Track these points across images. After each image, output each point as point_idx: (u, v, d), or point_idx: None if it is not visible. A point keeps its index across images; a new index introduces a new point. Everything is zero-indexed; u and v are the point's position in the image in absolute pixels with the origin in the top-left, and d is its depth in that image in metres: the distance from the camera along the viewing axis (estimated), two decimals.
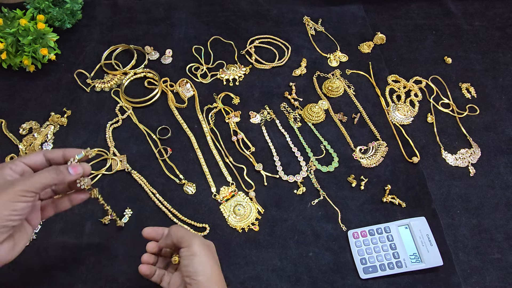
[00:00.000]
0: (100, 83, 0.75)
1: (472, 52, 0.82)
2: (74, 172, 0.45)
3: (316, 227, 0.61)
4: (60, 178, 0.43)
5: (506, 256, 0.59)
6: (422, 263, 0.56)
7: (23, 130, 0.69)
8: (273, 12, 0.87)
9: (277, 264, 0.57)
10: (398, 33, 0.85)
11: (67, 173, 0.44)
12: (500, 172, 0.67)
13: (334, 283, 0.56)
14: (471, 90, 0.77)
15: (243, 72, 0.77)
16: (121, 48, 0.80)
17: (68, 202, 0.49)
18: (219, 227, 0.61)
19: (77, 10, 0.81)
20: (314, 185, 0.65)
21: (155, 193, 0.63)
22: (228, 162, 0.67)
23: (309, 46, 0.82)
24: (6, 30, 0.69)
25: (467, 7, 0.90)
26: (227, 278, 0.56)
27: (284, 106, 0.73)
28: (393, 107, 0.74)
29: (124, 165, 0.65)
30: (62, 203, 0.49)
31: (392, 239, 0.59)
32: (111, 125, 0.70)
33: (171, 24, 0.85)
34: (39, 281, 0.55)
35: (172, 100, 0.73)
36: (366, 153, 0.68)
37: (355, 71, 0.79)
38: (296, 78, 0.77)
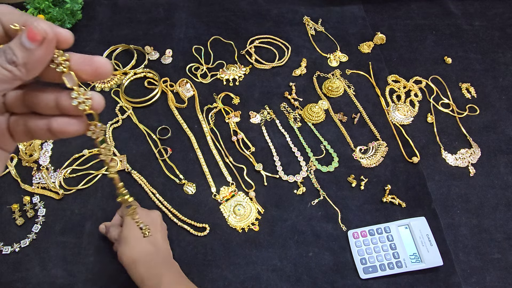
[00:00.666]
0: (100, 83, 0.75)
1: (472, 52, 0.82)
2: (35, 38, 0.23)
3: (316, 227, 0.61)
4: (8, 58, 0.23)
5: (506, 256, 0.59)
6: (422, 263, 0.56)
7: None
8: (273, 12, 0.87)
9: (277, 264, 0.57)
10: (398, 33, 0.85)
11: (21, 48, 0.23)
12: (500, 172, 0.67)
13: (334, 283, 0.56)
14: (471, 90, 0.77)
15: (243, 72, 0.77)
16: (121, 48, 0.80)
17: (45, 125, 0.27)
18: (219, 227, 0.61)
19: (77, 10, 0.81)
20: (314, 185, 0.65)
21: (155, 193, 0.63)
22: (228, 162, 0.67)
23: (309, 46, 0.82)
24: None
25: (467, 7, 0.90)
26: (227, 278, 0.56)
27: (284, 106, 0.73)
28: (393, 107, 0.74)
29: (124, 165, 0.65)
30: (37, 124, 0.27)
31: (392, 239, 0.59)
32: (111, 125, 0.70)
33: (171, 24, 0.84)
34: (39, 281, 0.55)
35: (172, 100, 0.73)
36: (366, 153, 0.68)
37: (355, 71, 0.79)
38: (296, 78, 0.77)
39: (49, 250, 0.58)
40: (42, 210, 0.61)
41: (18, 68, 0.23)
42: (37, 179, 0.64)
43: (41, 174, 0.64)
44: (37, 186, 0.63)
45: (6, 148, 0.29)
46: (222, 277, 0.56)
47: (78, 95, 0.25)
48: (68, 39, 0.25)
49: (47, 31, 0.23)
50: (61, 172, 0.64)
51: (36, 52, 0.23)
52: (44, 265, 0.57)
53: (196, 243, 0.59)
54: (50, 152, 0.67)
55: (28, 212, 0.60)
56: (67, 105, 0.25)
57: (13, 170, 0.64)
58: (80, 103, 0.25)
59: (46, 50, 0.23)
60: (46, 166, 0.65)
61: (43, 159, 0.66)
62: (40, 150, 0.67)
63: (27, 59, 0.23)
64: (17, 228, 0.60)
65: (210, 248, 0.59)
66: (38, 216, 0.60)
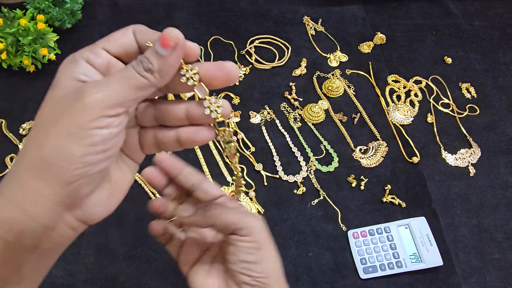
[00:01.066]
0: None
1: (472, 52, 0.82)
2: (168, 44, 0.24)
3: (316, 227, 0.61)
4: (145, 66, 0.24)
5: (506, 256, 0.59)
6: (422, 263, 0.56)
7: (23, 130, 0.69)
8: (273, 12, 0.87)
9: None
10: (398, 33, 0.85)
11: (156, 56, 0.24)
12: (500, 172, 0.67)
13: (334, 283, 0.56)
14: (471, 90, 0.77)
15: (243, 72, 0.77)
16: None
17: (173, 136, 0.28)
18: None
19: (77, 10, 0.81)
20: (314, 185, 0.65)
21: (155, 193, 0.63)
22: (228, 162, 0.67)
23: (309, 46, 0.82)
24: (6, 30, 0.69)
25: (467, 7, 0.90)
26: None
27: (284, 106, 0.74)
28: (393, 107, 0.74)
29: None
30: (166, 135, 0.28)
31: (392, 239, 0.59)
32: None
33: (171, 24, 0.84)
34: None
35: None
36: (366, 153, 0.68)
37: (355, 71, 0.79)
38: (296, 78, 0.77)
39: None
40: None
41: (154, 75, 0.24)
42: None
43: None
44: None
45: (136, 160, 0.31)
46: None
47: (210, 104, 0.26)
48: (195, 51, 0.27)
49: (178, 36, 0.24)
50: None
51: (170, 58, 0.24)
52: None
53: None
54: None
55: None
56: (198, 115, 0.27)
57: None
58: (212, 111, 0.26)
59: (177, 56, 0.25)
60: None
61: None
62: None
63: (161, 65, 0.24)
64: None
65: None
66: None
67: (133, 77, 0.24)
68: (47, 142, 0.23)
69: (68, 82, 0.24)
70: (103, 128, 0.23)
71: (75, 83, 0.24)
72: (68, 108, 0.23)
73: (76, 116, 0.22)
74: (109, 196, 0.28)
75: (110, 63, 0.25)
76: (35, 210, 0.23)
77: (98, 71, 0.25)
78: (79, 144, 0.22)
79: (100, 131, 0.23)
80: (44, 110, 0.24)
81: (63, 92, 0.24)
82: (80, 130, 0.22)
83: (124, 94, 0.24)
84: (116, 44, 0.25)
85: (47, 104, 0.24)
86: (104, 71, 0.25)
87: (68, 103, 0.23)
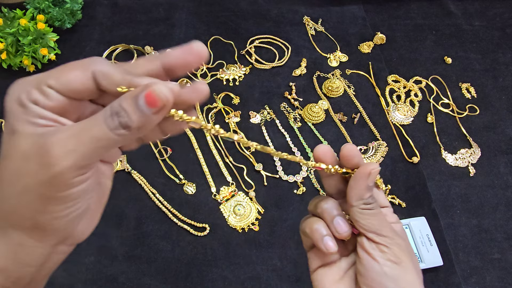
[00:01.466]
0: None
1: (472, 52, 0.82)
2: (154, 104, 0.21)
3: None
4: (123, 122, 0.21)
5: (506, 256, 0.59)
6: (422, 263, 0.56)
7: None
8: (273, 12, 0.87)
9: (277, 264, 0.57)
10: (398, 33, 0.85)
11: (136, 111, 0.21)
12: (500, 172, 0.67)
13: None
14: (471, 90, 0.77)
15: (243, 72, 0.77)
16: (121, 48, 0.80)
17: (159, 131, 0.26)
18: (219, 227, 0.60)
19: (77, 10, 0.81)
20: (314, 185, 0.65)
21: (155, 193, 0.63)
22: (228, 162, 0.67)
23: (309, 46, 0.82)
24: (6, 30, 0.69)
25: (467, 7, 0.90)
26: (227, 278, 0.56)
27: (284, 106, 0.74)
28: (393, 107, 0.74)
29: (124, 165, 0.65)
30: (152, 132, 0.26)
31: None
32: None
33: (171, 24, 0.85)
34: None
35: None
36: (366, 153, 0.68)
37: (355, 71, 0.79)
38: (296, 78, 0.77)
39: None
40: None
41: (132, 132, 0.21)
42: None
43: None
44: None
45: (113, 160, 0.28)
46: (222, 277, 0.56)
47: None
48: (203, 94, 0.24)
49: (168, 97, 0.21)
50: None
51: (154, 117, 0.21)
52: None
53: (196, 243, 0.59)
54: None
55: None
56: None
57: None
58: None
59: (164, 113, 0.22)
60: None
61: None
62: None
63: (143, 123, 0.21)
64: None
65: (210, 248, 0.59)
66: None
67: (105, 138, 0.21)
68: (26, 206, 0.22)
69: (25, 128, 0.21)
70: (75, 187, 0.22)
71: (34, 129, 0.21)
72: (35, 176, 0.21)
73: (45, 187, 0.21)
74: (93, 215, 0.26)
75: (64, 104, 0.22)
76: (31, 259, 0.24)
77: (53, 112, 0.22)
78: (58, 206, 0.22)
79: (72, 191, 0.22)
80: (8, 166, 0.22)
81: (24, 145, 0.21)
82: (51, 198, 0.22)
83: (95, 155, 0.22)
84: (68, 87, 0.22)
85: (11, 158, 0.22)
86: (59, 112, 0.22)
87: (33, 167, 0.21)
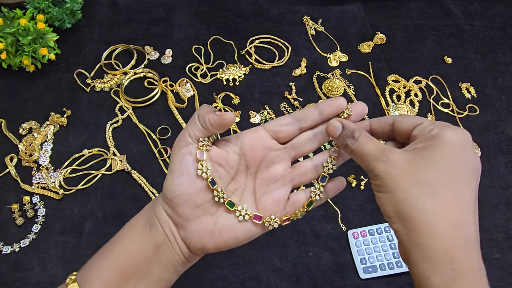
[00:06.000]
0: (100, 83, 0.75)
1: (472, 52, 0.82)
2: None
3: (316, 227, 0.61)
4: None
5: (506, 256, 0.59)
6: None
7: (23, 130, 0.69)
8: (273, 12, 0.87)
9: (277, 264, 0.57)
10: (398, 33, 0.85)
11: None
12: (500, 172, 0.67)
13: (334, 283, 0.56)
14: (471, 90, 0.77)
15: (243, 72, 0.77)
16: (121, 48, 0.80)
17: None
18: None
19: (77, 10, 0.81)
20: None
21: (155, 193, 0.63)
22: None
23: (309, 46, 0.82)
24: (6, 30, 0.69)
25: (467, 7, 0.90)
26: (226, 278, 0.56)
27: (284, 106, 0.73)
28: (393, 107, 0.74)
29: (124, 165, 0.65)
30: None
31: (392, 239, 0.59)
32: (111, 125, 0.70)
33: (171, 24, 0.84)
34: (39, 281, 0.55)
35: (172, 100, 0.73)
36: None
37: (355, 71, 0.79)
38: (296, 78, 0.77)
39: (49, 250, 0.58)
40: (42, 210, 0.61)
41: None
42: (37, 179, 0.64)
43: (41, 174, 0.64)
44: (37, 186, 0.63)
45: None
46: (222, 277, 0.56)
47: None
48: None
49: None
50: (61, 172, 0.64)
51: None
52: (44, 265, 0.57)
53: None
54: (50, 152, 0.67)
55: (28, 212, 0.60)
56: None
57: (13, 170, 0.64)
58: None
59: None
60: (46, 166, 0.65)
61: (43, 159, 0.66)
62: (40, 150, 0.66)
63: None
64: (17, 228, 0.60)
65: None
66: (38, 216, 0.60)
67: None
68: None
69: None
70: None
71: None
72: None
73: None
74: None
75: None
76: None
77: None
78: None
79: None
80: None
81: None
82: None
83: None
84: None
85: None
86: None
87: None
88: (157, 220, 0.33)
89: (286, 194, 0.34)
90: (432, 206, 0.25)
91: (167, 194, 0.32)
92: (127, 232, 0.34)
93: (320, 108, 0.34)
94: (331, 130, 0.33)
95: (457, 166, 0.26)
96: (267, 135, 0.34)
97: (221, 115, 0.31)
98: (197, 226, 0.32)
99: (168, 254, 0.33)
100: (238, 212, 0.33)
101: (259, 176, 0.34)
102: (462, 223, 0.25)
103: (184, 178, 0.31)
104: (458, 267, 0.24)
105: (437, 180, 0.26)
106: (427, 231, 0.25)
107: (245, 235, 0.33)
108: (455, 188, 0.26)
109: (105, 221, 0.60)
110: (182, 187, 0.31)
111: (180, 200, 0.32)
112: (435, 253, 0.24)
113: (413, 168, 0.27)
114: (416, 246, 0.25)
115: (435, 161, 0.27)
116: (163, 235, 0.33)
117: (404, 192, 0.26)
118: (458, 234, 0.25)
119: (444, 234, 0.25)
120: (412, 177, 0.26)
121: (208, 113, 0.31)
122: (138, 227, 0.33)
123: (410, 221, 0.25)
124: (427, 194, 0.26)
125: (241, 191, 0.34)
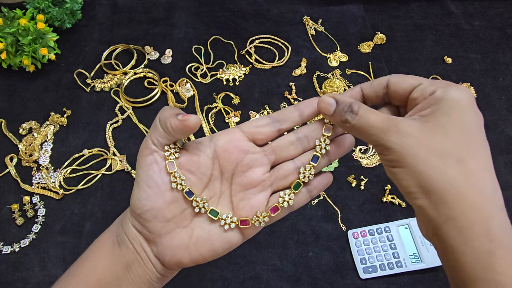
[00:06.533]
0: (100, 83, 0.75)
1: (472, 52, 0.82)
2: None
3: (316, 227, 0.61)
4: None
5: None
6: (422, 263, 0.56)
7: (23, 130, 0.69)
8: (273, 12, 0.87)
9: (277, 264, 0.57)
10: (398, 33, 0.85)
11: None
12: (500, 172, 0.67)
13: (334, 283, 0.56)
14: (471, 90, 0.76)
15: (243, 72, 0.77)
16: (121, 48, 0.80)
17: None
18: None
19: (77, 10, 0.81)
20: None
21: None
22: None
23: (309, 46, 0.82)
24: (6, 30, 0.69)
25: (467, 7, 0.90)
26: (226, 278, 0.56)
27: (284, 106, 0.73)
28: None
29: (124, 165, 0.65)
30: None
31: (392, 239, 0.59)
32: (111, 125, 0.70)
33: (171, 24, 0.84)
34: (39, 281, 0.55)
35: (172, 100, 0.73)
36: (366, 153, 0.68)
37: (355, 71, 0.79)
38: (296, 78, 0.77)
39: (48, 250, 0.58)
40: (42, 210, 0.61)
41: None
42: (37, 179, 0.64)
43: (41, 174, 0.64)
44: (37, 186, 0.63)
45: None
46: (222, 277, 0.56)
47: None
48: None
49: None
50: (61, 172, 0.65)
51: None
52: (44, 265, 0.57)
53: None
54: (50, 152, 0.67)
55: (28, 212, 0.60)
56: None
57: (13, 170, 0.64)
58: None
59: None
60: (46, 166, 0.65)
61: (43, 159, 0.66)
62: (40, 150, 0.66)
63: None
64: (17, 228, 0.60)
65: None
66: (38, 216, 0.60)
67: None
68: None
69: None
70: None
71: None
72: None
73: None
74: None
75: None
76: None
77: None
78: None
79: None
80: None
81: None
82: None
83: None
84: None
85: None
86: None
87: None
88: (126, 237, 0.30)
89: (266, 200, 0.31)
90: (460, 175, 0.24)
91: (134, 209, 0.29)
92: (95, 250, 0.31)
93: (299, 109, 0.31)
94: (323, 107, 0.30)
95: (471, 128, 0.25)
96: (243, 136, 0.31)
97: (183, 120, 0.27)
98: (170, 241, 0.29)
99: (141, 272, 0.30)
100: (223, 220, 0.30)
101: (235, 182, 0.31)
102: (491, 189, 0.24)
103: (151, 190, 0.29)
104: (495, 238, 0.22)
105: (458, 147, 0.24)
106: (459, 203, 0.23)
107: (224, 247, 0.30)
108: (477, 152, 0.25)
109: (105, 221, 0.60)
110: (150, 201, 0.29)
111: (148, 215, 0.29)
112: (470, 226, 0.23)
113: (429, 137, 0.25)
114: (448, 221, 0.23)
115: (451, 126, 0.25)
116: (133, 252, 0.30)
117: (426, 164, 0.24)
118: (490, 202, 0.23)
119: (477, 204, 0.23)
120: (431, 147, 0.24)
121: (169, 117, 0.28)
122: (106, 245, 0.31)
123: (438, 195, 0.24)
124: (452, 163, 0.24)
125: (216, 198, 0.31)
